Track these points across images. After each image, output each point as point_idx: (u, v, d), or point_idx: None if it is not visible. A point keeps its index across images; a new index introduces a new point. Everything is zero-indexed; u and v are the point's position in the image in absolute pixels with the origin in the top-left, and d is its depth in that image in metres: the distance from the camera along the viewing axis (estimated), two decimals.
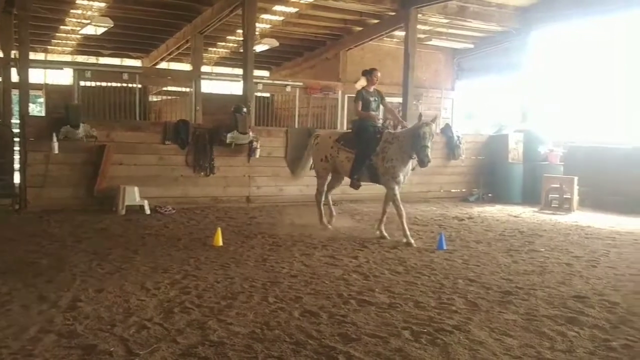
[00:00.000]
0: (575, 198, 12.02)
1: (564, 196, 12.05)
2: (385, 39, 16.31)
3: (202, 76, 14.88)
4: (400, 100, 14.16)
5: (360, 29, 15.73)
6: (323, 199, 9.28)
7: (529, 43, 15.10)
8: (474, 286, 5.88)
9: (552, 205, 12.13)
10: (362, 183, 8.82)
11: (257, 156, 11.52)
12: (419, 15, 13.73)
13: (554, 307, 5.18)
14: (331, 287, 5.70)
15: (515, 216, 11.18)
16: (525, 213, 11.62)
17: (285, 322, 4.62)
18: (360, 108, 8.73)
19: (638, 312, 5.05)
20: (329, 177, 9.21)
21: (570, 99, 14.74)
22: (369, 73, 8.93)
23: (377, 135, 8.51)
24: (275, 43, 15.44)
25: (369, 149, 8.47)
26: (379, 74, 8.89)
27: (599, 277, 6.36)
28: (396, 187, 8.39)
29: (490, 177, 13.82)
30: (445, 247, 7.76)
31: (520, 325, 4.67)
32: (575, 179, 12.04)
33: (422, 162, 7.99)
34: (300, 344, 4.14)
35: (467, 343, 4.23)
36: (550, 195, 12.24)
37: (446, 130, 13.97)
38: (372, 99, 8.79)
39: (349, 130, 9.36)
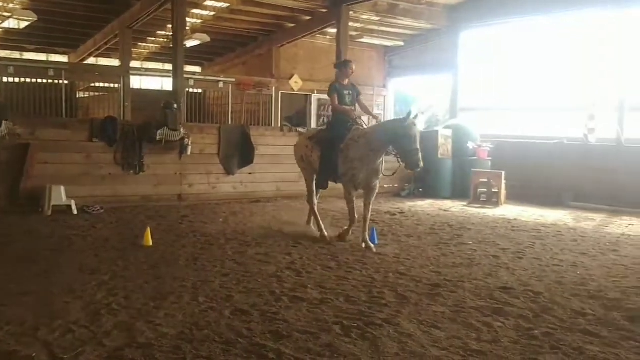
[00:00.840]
0: (503, 192, 12.41)
1: (492, 190, 12.42)
2: (318, 36, 16.34)
3: (131, 72, 14.48)
4: None
5: (292, 25, 15.70)
6: (315, 200, 8.69)
7: (459, 41, 15.48)
8: (404, 279, 5.97)
9: (481, 200, 12.48)
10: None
11: (189, 153, 11.32)
12: (351, 13, 13.83)
13: (481, 298, 5.32)
14: (263, 285, 5.66)
15: (445, 210, 11.44)
16: (455, 207, 11.91)
17: (215, 321, 4.55)
18: (336, 102, 8.10)
19: (559, 301, 5.25)
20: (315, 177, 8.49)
21: (499, 96, 15.16)
22: (343, 65, 8.42)
23: (347, 132, 7.89)
24: (206, 38, 15.21)
25: (335, 147, 7.85)
26: (354, 66, 8.35)
27: (524, 269, 6.57)
28: (353, 192, 7.87)
29: (421, 173, 14.05)
30: (377, 242, 7.84)
31: (448, 317, 4.77)
32: (503, 173, 12.43)
33: (414, 166, 7.42)
34: (230, 343, 4.09)
35: (397, 336, 4.28)
36: (478, 190, 12.58)
37: None
38: (346, 92, 8.22)
39: (322, 129, 8.86)
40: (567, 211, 11.41)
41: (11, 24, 14.23)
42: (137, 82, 17.37)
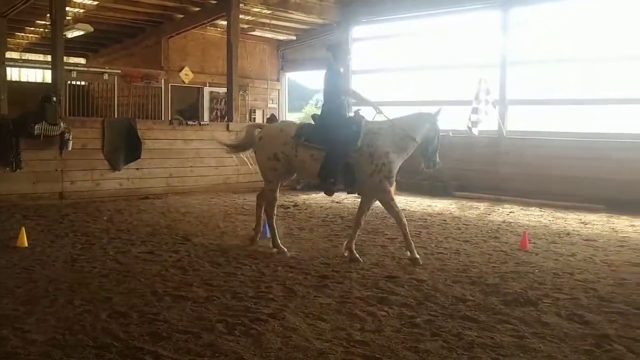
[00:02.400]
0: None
1: None
2: (209, 27, 16.01)
3: (7, 63, 13.55)
4: (224, 90, 13.99)
5: (181, 16, 15.26)
6: (274, 211, 7.30)
7: (351, 37, 15.67)
8: (293, 273, 5.93)
9: None
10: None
11: (70, 148, 10.69)
12: (241, 5, 13.63)
13: (367, 288, 5.37)
14: (146, 285, 5.42)
15: (338, 202, 11.53)
16: (348, 199, 12.02)
17: (90, 325, 4.30)
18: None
19: (441, 288, 5.39)
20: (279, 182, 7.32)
21: (391, 90, 15.49)
22: (340, 48, 7.34)
23: (354, 126, 6.72)
24: (89, 29, 14.46)
25: (348, 144, 6.62)
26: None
27: (409, 257, 6.70)
28: (391, 190, 6.80)
29: None
30: (268, 235, 7.74)
31: (334, 308, 4.77)
32: None
33: (433, 165, 6.93)
34: (104, 348, 3.86)
35: (281, 330, 4.22)
36: None
37: (272, 121, 14.05)
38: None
39: (307, 122, 7.23)
40: (452, 200, 11.84)
41: None
42: (16, 74, 16.34)
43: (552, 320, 4.53)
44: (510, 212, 10.46)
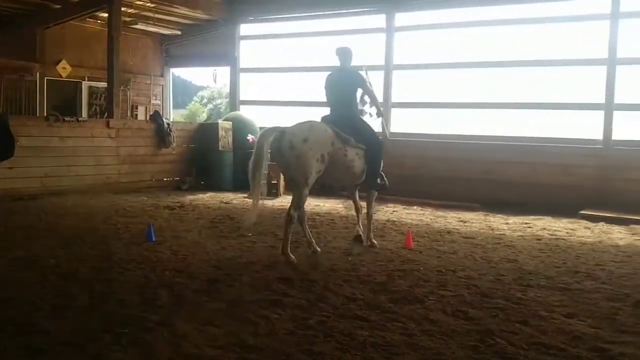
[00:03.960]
0: (282, 183, 12.71)
1: (272, 182, 12.65)
2: (89, 19, 15.23)
3: None
4: (105, 85, 13.38)
5: (58, 6, 14.39)
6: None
7: (237, 34, 15.52)
8: (182, 277, 5.75)
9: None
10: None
11: None
12: None
13: (258, 291, 5.31)
14: (20, 294, 5.04)
15: (226, 203, 11.37)
16: (236, 199, 11.90)
17: None
18: None
19: (332, 288, 5.44)
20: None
21: (279, 90, 15.47)
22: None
23: (371, 128, 7.52)
24: None
25: (380, 143, 7.35)
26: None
27: (299, 257, 6.71)
28: None
29: (202, 165, 13.88)
30: (154, 239, 7.49)
31: (225, 313, 4.66)
32: None
33: None
34: None
35: (171, 338, 4.07)
36: None
37: (156, 117, 13.64)
38: None
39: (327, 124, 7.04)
40: (339, 200, 12.01)
41: None
42: None
43: (439, 317, 4.70)
44: (394, 211, 10.79)
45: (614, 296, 5.42)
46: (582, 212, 10.26)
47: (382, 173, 7.52)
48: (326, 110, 7.47)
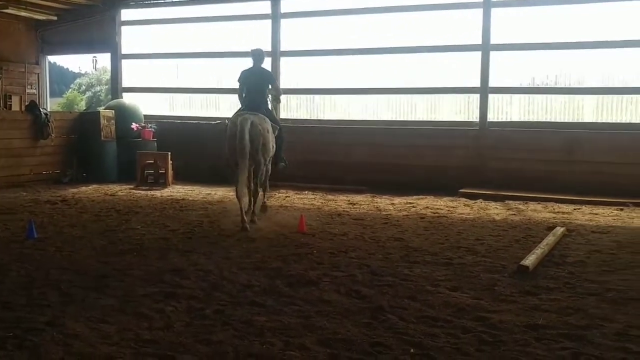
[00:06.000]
0: (170, 173, 12.45)
1: (160, 171, 12.36)
2: None
3: None
4: None
5: None
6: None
7: (118, 19, 14.90)
8: (68, 274, 5.51)
9: (149, 181, 12.34)
10: None
11: None
12: None
13: (151, 284, 5.20)
14: None
15: (111, 195, 10.98)
16: (122, 191, 11.52)
17: None
18: None
19: (227, 277, 5.42)
20: None
21: (164, 77, 15.02)
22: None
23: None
24: None
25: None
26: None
27: (193, 248, 6.65)
28: None
29: (84, 157, 13.28)
30: (36, 236, 7.11)
31: (117, 309, 4.53)
32: (169, 154, 12.46)
33: None
34: None
35: (61, 338, 3.90)
36: (145, 172, 12.41)
37: (32, 108, 12.86)
38: None
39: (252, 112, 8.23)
40: (231, 188, 11.89)
41: None
42: None
43: (333, 297, 4.83)
44: (286, 197, 10.89)
45: (492, 268, 5.82)
46: (462, 190, 10.88)
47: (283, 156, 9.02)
48: (212, 98, 7.91)
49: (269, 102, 9.04)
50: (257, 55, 8.89)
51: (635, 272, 5.66)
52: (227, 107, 13.76)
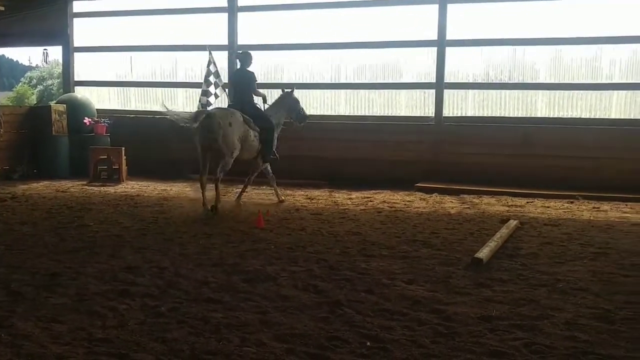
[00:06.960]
0: (124, 168, 12.22)
1: (113, 167, 12.13)
2: None
3: None
4: None
5: None
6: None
7: (69, 11, 14.52)
8: (18, 273, 5.35)
9: (102, 177, 12.10)
10: None
11: None
12: None
13: (104, 282, 5.09)
14: None
15: (63, 191, 10.72)
16: (74, 187, 11.27)
17: None
18: None
19: (184, 274, 5.36)
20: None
21: (120, 71, 14.72)
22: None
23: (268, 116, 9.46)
24: None
25: (273, 127, 9.43)
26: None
27: (148, 245, 6.54)
28: None
29: (34, 152, 12.93)
30: None
31: (69, 307, 4.43)
32: (123, 149, 12.23)
33: None
34: None
35: (10, 340, 3.79)
36: (98, 167, 12.17)
37: None
38: None
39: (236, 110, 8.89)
40: (187, 183, 11.78)
41: None
42: None
43: (291, 292, 4.82)
44: (237, 191, 10.77)
45: (448, 261, 5.90)
46: (418, 184, 11.00)
47: (274, 150, 9.50)
48: (167, 92, 7.78)
49: (257, 102, 9.58)
50: (242, 57, 9.59)
51: (584, 264, 5.82)
52: (182, 100, 13.61)
